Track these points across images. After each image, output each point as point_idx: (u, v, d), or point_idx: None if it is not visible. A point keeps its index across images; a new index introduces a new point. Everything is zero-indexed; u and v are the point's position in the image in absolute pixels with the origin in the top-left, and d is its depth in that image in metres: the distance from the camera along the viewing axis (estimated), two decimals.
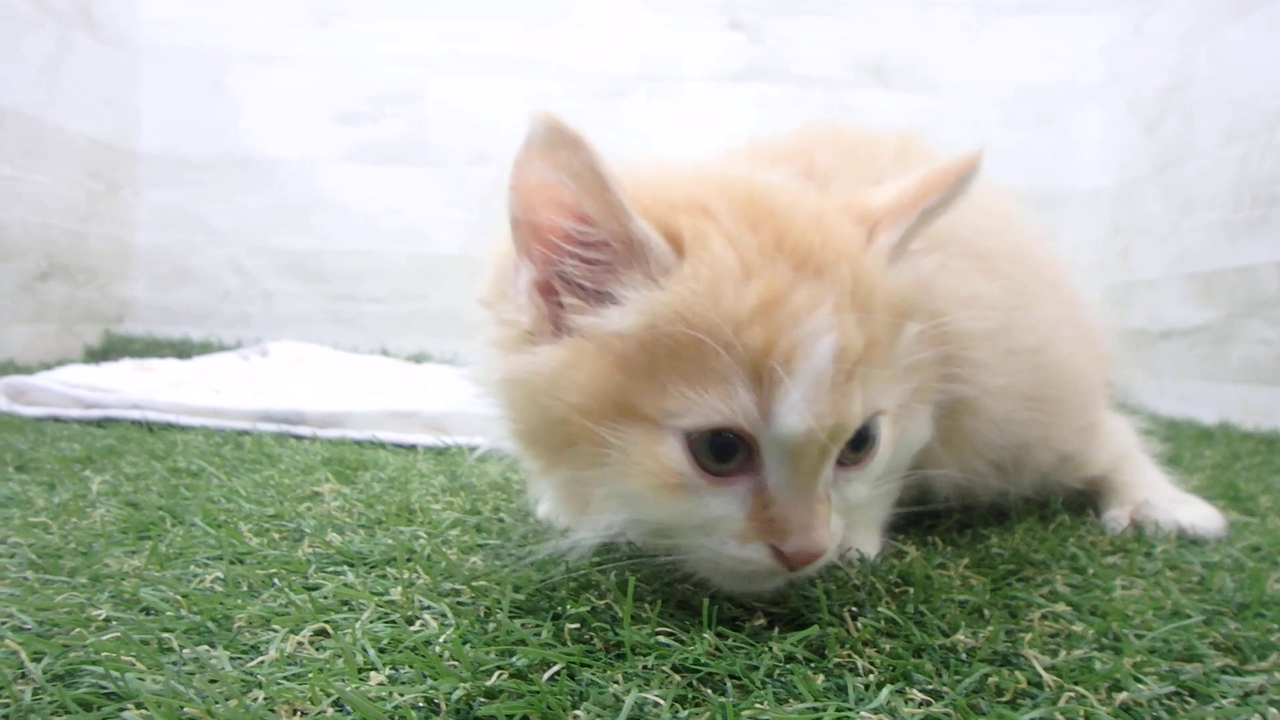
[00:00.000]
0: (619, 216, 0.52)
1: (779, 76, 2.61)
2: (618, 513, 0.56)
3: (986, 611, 0.59)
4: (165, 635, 0.50)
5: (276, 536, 0.72)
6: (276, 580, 0.60)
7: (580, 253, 0.54)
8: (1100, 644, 0.54)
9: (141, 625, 0.51)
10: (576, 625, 0.52)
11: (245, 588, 0.59)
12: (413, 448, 1.24)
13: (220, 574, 0.60)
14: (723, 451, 0.52)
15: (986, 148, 0.60)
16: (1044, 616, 0.59)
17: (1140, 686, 0.47)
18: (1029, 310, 0.80)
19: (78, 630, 0.50)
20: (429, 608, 0.55)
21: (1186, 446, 1.52)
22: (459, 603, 0.57)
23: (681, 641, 0.51)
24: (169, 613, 0.53)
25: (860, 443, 0.56)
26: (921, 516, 0.82)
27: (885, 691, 0.44)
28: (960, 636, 0.53)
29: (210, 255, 2.61)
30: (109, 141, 2.44)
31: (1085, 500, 0.96)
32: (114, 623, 0.52)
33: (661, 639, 0.50)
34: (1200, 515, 0.88)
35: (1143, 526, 0.87)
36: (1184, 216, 2.14)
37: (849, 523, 0.72)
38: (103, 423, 1.32)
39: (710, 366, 0.50)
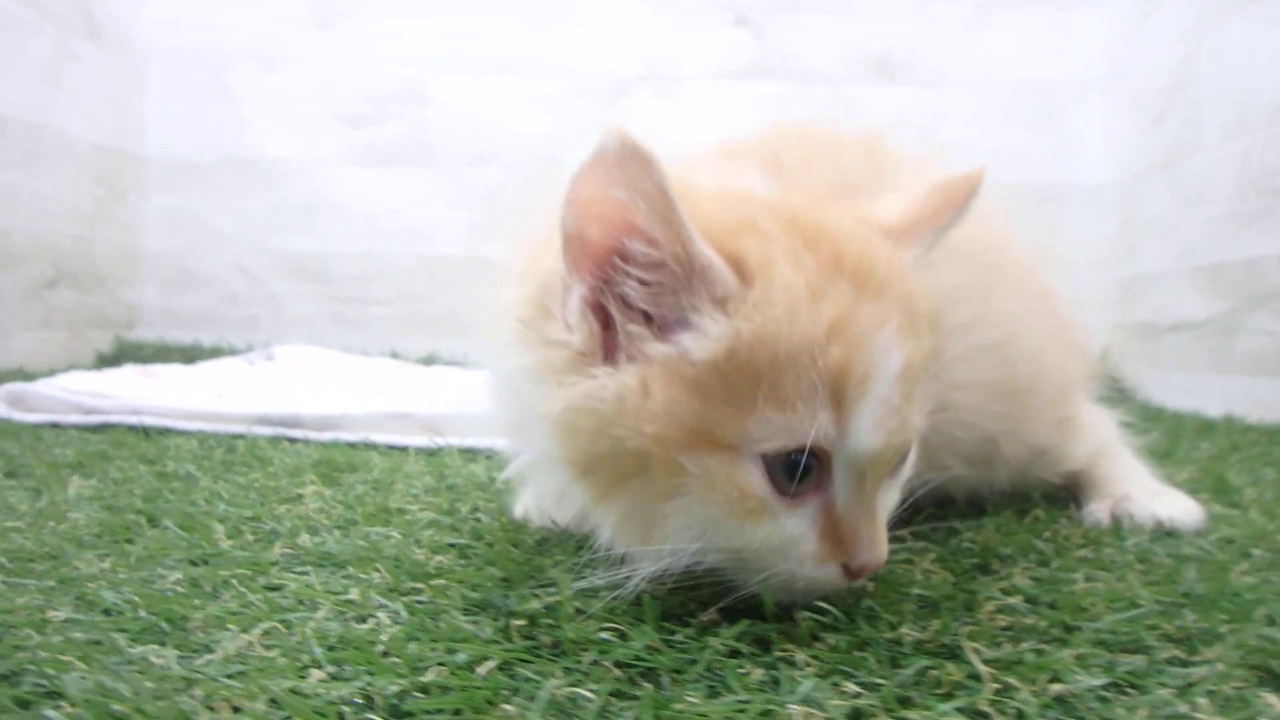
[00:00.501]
0: (683, 240, 0.51)
1: (782, 74, 2.61)
2: (692, 541, 0.54)
3: (942, 606, 0.59)
4: (116, 636, 0.51)
5: (250, 539, 0.74)
6: (237, 582, 0.61)
7: (641, 275, 0.53)
8: (1049, 636, 0.54)
9: (96, 626, 0.52)
10: (524, 622, 0.53)
11: (208, 589, 0.60)
12: (405, 450, 1.25)
13: (181, 575, 0.62)
14: (796, 472, 0.52)
15: (990, 151, 0.62)
16: (998, 610, 0.59)
17: (1077, 678, 0.47)
18: (996, 302, 0.80)
19: (28, 632, 0.51)
20: (384, 606, 0.56)
21: (1186, 439, 1.51)
22: (416, 601, 0.58)
23: (624, 637, 0.51)
24: (127, 614, 0.55)
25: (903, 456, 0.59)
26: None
27: (811, 683, 0.44)
28: (906, 630, 0.53)
29: (216, 258, 2.64)
30: (113, 146, 2.48)
31: (1068, 495, 0.95)
32: (70, 624, 0.53)
33: (605, 635, 0.51)
34: (1179, 508, 0.87)
35: (1121, 521, 0.86)
36: (1189, 210, 2.12)
37: None
38: (100, 428, 1.34)
39: (789, 389, 0.51)
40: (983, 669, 0.48)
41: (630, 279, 0.54)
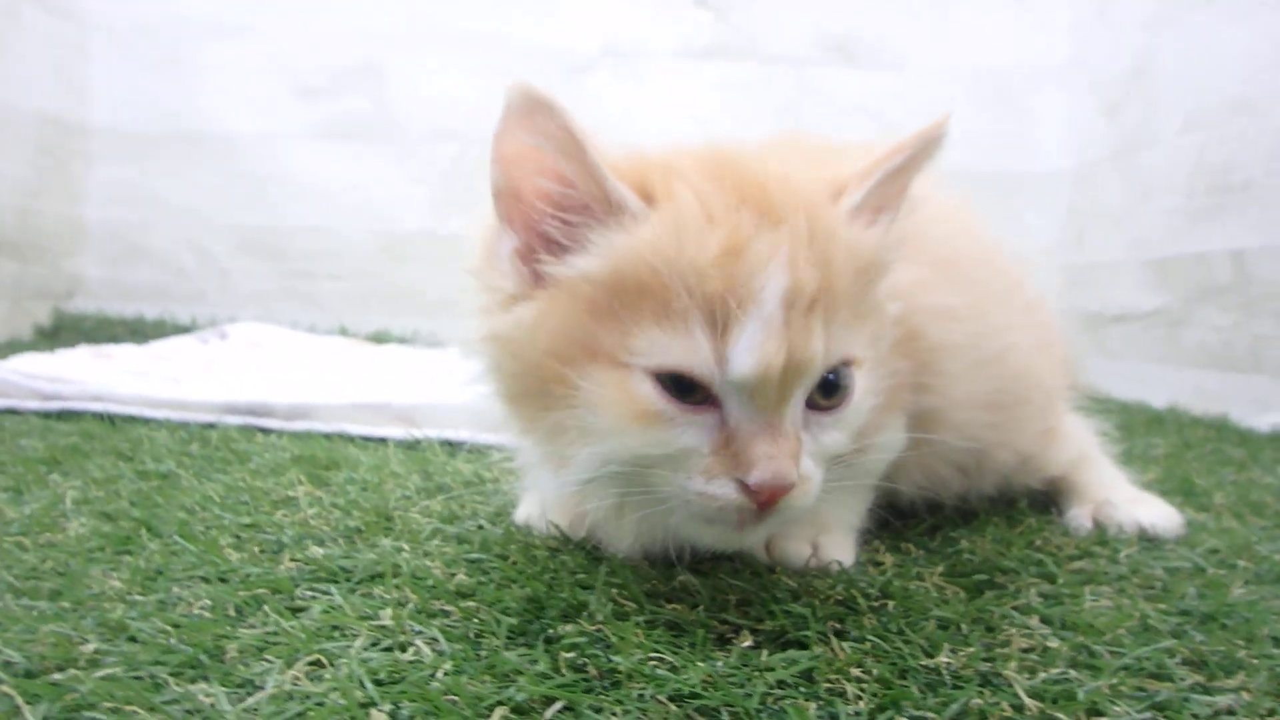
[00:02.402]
0: (595, 177, 0.56)
1: (744, 55, 2.60)
2: (593, 452, 0.58)
3: (964, 627, 0.61)
4: (156, 670, 0.49)
5: (256, 550, 0.72)
6: (263, 603, 0.60)
7: (560, 214, 0.58)
8: (1075, 661, 0.56)
9: (131, 659, 0.50)
10: (572, 653, 0.52)
11: (232, 611, 0.59)
12: (383, 441, 1.23)
13: (206, 598, 0.60)
14: (686, 389, 0.55)
15: (951, 120, 0.61)
16: (1018, 632, 0.61)
17: (1115, 708, 0.49)
18: (993, 316, 0.82)
19: (71, 671, 0.49)
20: (420, 632, 0.56)
21: (1138, 433, 1.56)
22: (448, 625, 0.57)
23: (674, 668, 0.51)
24: (158, 643, 0.53)
25: (831, 389, 0.59)
26: (887, 520, 0.84)
27: None
28: (944, 658, 0.55)
29: (165, 232, 2.54)
30: (58, 116, 2.35)
31: (1047, 499, 0.98)
32: (104, 656, 0.51)
33: (656, 666, 0.51)
34: (1159, 515, 0.91)
35: (1105, 527, 0.90)
36: (1141, 202, 2.18)
37: (816, 524, 0.74)
38: (63, 415, 1.28)
39: (674, 309, 0.54)
40: (1028, 701, 0.49)
41: (551, 219, 0.58)
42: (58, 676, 0.49)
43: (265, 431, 1.25)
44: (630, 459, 0.57)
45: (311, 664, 0.51)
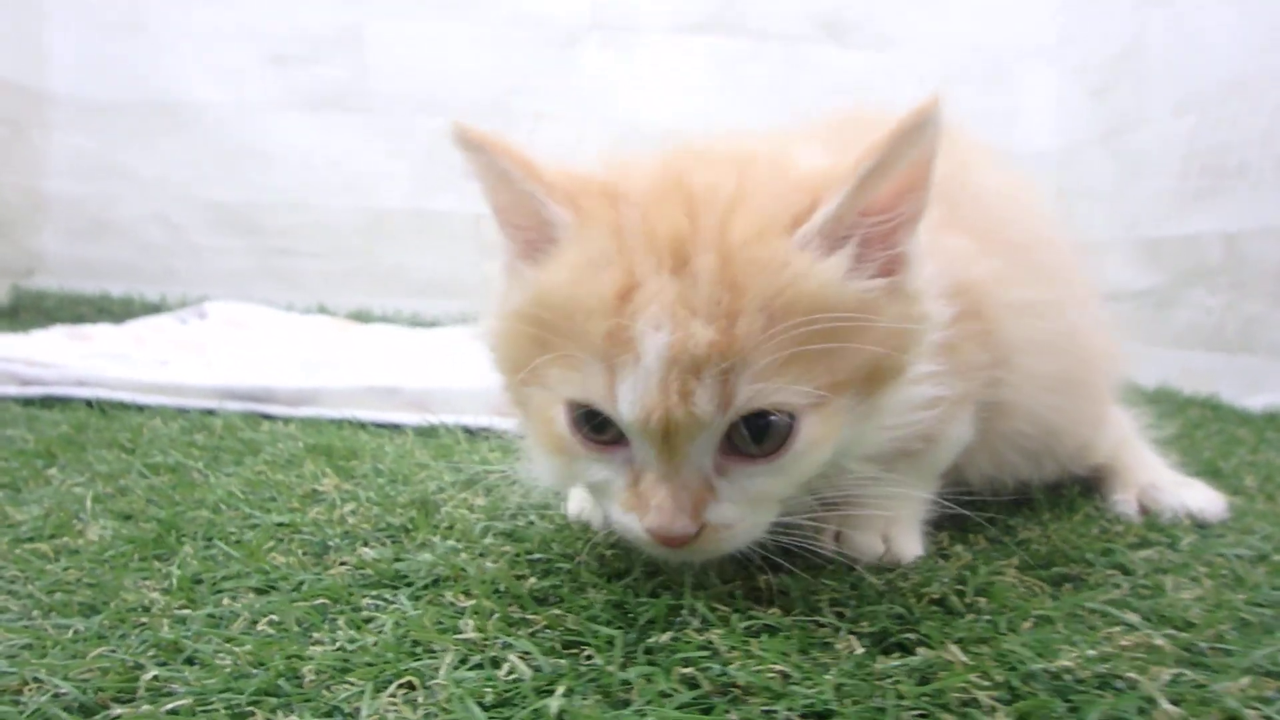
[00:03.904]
0: (532, 204, 0.57)
1: (734, 30, 2.55)
2: (536, 469, 0.62)
3: (1062, 625, 0.59)
4: (232, 698, 0.45)
5: (301, 554, 0.67)
6: (326, 615, 0.55)
7: (518, 237, 0.60)
8: (1184, 660, 0.54)
9: (200, 687, 0.46)
10: (686, 668, 0.49)
11: (294, 625, 0.54)
12: (395, 428, 1.17)
13: (264, 611, 0.55)
14: (598, 424, 0.55)
15: (939, 104, 0.55)
16: (1121, 629, 0.58)
17: (1251, 713, 0.47)
18: (1059, 299, 0.80)
19: (134, 705, 0.44)
20: (509, 645, 0.51)
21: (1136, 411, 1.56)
22: (538, 637, 0.53)
23: (790, 679, 0.48)
24: (225, 666, 0.48)
25: (760, 436, 0.55)
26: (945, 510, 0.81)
27: None
28: (1064, 661, 0.52)
29: (131, 206, 2.42)
30: (15, 81, 2.22)
31: (1087, 485, 0.97)
32: (167, 684, 0.46)
33: (772, 679, 0.48)
34: (1205, 499, 0.90)
35: (1153, 512, 0.88)
36: (1132, 182, 2.19)
37: (891, 518, 0.71)
38: (45, 402, 1.21)
39: (576, 346, 0.54)
40: (1169, 707, 0.47)
41: (514, 240, 0.60)
42: (120, 712, 0.44)
43: (268, 418, 1.19)
44: (552, 484, 0.60)
45: (403, 686, 0.46)
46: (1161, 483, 0.92)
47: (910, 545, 0.72)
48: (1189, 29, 2.01)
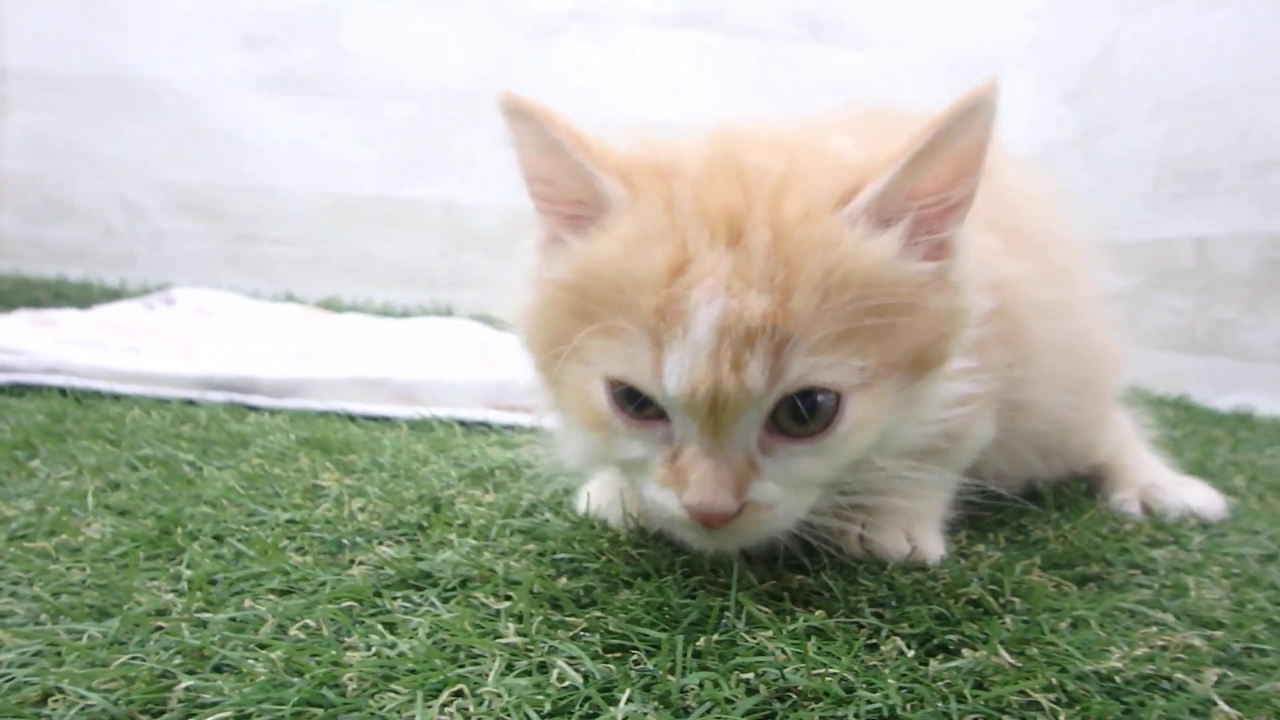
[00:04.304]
0: (583, 176, 0.56)
1: (713, 25, 2.54)
2: (570, 448, 0.61)
3: (1097, 625, 0.58)
4: (275, 710, 0.42)
5: (316, 552, 0.64)
6: (357, 618, 0.53)
7: (560, 210, 0.59)
8: (1224, 660, 0.54)
9: (239, 698, 0.43)
10: (749, 673, 0.47)
11: (324, 630, 0.51)
12: (386, 420, 1.14)
13: (288, 614, 0.52)
14: (636, 400, 0.55)
15: (996, 89, 0.53)
16: (1157, 629, 0.58)
17: None
18: (1076, 301, 0.80)
19: (168, 715, 0.41)
20: (555, 649, 0.50)
21: None
22: (583, 640, 0.51)
23: (849, 686, 0.47)
24: (259, 675, 0.45)
25: (803, 417, 0.54)
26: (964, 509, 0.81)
27: None
28: (1114, 663, 0.52)
29: (91, 187, 2.33)
30: None
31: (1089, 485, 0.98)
32: (201, 694, 0.43)
33: (831, 682, 0.47)
34: (1205, 498, 0.91)
35: (1161, 512, 0.89)
36: (1104, 187, 2.23)
37: (908, 516, 0.71)
38: (16, 390, 1.15)
39: (622, 321, 0.53)
40: (1226, 709, 0.47)
41: (556, 214, 0.59)
42: None
43: (252, 410, 1.15)
44: (587, 462, 0.58)
45: (454, 694, 0.44)
46: (1163, 482, 0.93)
47: (934, 545, 0.71)
48: (1164, 38, 2.05)
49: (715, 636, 0.52)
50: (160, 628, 0.51)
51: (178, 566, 0.60)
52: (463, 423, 1.12)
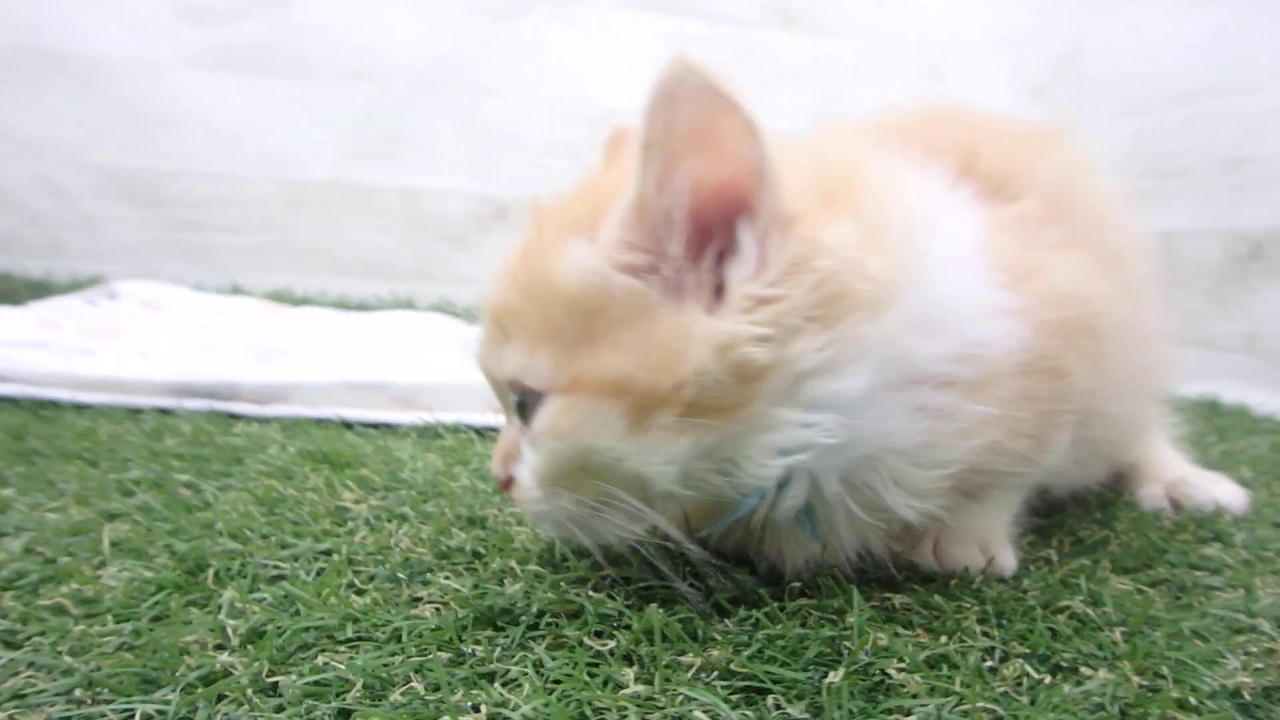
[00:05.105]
0: None
1: (684, 11, 2.48)
2: None
3: (1193, 634, 0.57)
4: None
5: (379, 591, 0.57)
6: (455, 670, 0.47)
7: None
8: None
9: None
10: (889, 716, 0.43)
11: (422, 688, 0.45)
12: (389, 428, 1.07)
13: (382, 674, 0.46)
14: None
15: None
16: (1261, 637, 0.57)
17: None
18: (1149, 309, 0.79)
19: None
20: (688, 698, 0.45)
21: None
22: (697, 678, 0.47)
23: (997, 714, 0.44)
24: None
25: (523, 409, 0.55)
26: None
27: None
28: (1243, 678, 0.50)
29: (12, 169, 2.15)
30: None
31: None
32: None
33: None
34: (1230, 492, 0.92)
35: (1192, 507, 0.89)
36: None
37: (982, 527, 0.69)
38: None
39: None
40: None
41: None
42: None
43: (235, 418, 1.06)
44: None
45: None
46: (1191, 478, 0.93)
47: (1008, 557, 0.69)
48: (1133, 37, 2.08)
49: (842, 674, 0.48)
50: (225, 697, 0.44)
51: (218, 616, 0.52)
52: (470, 428, 1.06)
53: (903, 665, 0.49)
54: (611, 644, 0.50)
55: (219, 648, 0.49)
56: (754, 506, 0.55)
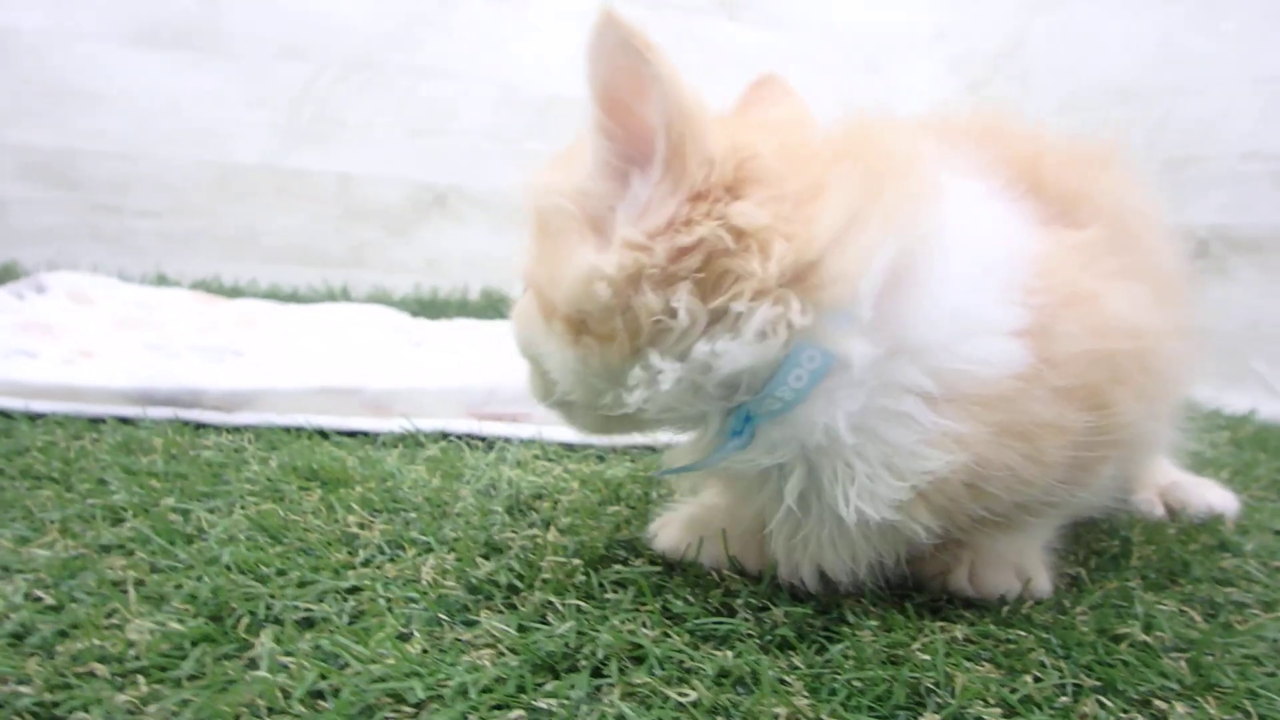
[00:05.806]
0: None
1: None
2: None
3: (1256, 659, 0.58)
4: None
5: (428, 643, 0.53)
6: None
7: None
8: None
9: None
10: None
11: None
12: (365, 435, 1.01)
13: None
14: None
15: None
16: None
17: None
18: (1184, 328, 0.78)
19: None
20: None
21: None
22: None
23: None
24: None
25: None
26: None
27: None
28: None
29: None
30: None
31: None
32: None
33: None
34: (1222, 497, 0.94)
35: (1191, 513, 0.90)
36: None
37: (1017, 551, 0.68)
38: None
39: None
40: None
41: None
42: None
43: (202, 427, 0.99)
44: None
45: None
46: (1184, 482, 0.95)
47: (1044, 580, 0.69)
48: (1074, 34, 2.13)
49: (942, 717, 0.46)
50: None
51: (263, 673, 0.48)
52: (448, 435, 1.01)
53: (989, 705, 0.48)
54: (692, 694, 0.48)
55: (274, 712, 0.44)
56: (727, 455, 0.57)
